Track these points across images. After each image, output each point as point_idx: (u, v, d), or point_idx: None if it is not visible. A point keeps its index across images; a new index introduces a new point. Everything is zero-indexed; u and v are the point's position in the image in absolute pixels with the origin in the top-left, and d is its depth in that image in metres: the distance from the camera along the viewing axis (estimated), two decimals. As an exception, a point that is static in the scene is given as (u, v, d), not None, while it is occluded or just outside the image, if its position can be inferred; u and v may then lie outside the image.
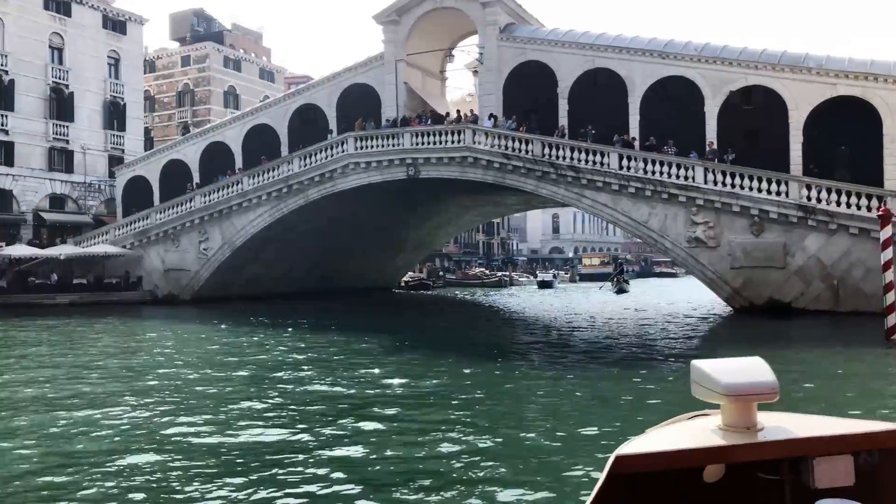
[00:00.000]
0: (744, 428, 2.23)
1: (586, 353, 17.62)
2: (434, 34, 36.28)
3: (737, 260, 26.06)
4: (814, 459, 2.24)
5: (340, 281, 46.41)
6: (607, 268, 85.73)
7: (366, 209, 38.79)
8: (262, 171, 35.44)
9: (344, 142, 33.18)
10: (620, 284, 47.95)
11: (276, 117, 39.25)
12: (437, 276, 63.35)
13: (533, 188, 29.72)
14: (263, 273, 40.19)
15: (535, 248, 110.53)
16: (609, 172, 27.84)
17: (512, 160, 29.62)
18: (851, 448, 2.24)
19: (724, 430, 2.25)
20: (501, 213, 52.87)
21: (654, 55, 30.24)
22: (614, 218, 28.32)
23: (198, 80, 56.05)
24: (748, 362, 2.32)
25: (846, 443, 2.22)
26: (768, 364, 2.31)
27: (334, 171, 33.60)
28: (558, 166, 28.72)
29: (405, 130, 31.88)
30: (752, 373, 2.25)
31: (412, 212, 42.18)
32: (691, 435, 2.28)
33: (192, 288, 37.79)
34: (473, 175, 31.00)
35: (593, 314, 30.45)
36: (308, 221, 37.33)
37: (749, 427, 2.22)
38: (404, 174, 32.27)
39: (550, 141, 29.26)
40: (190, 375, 14.37)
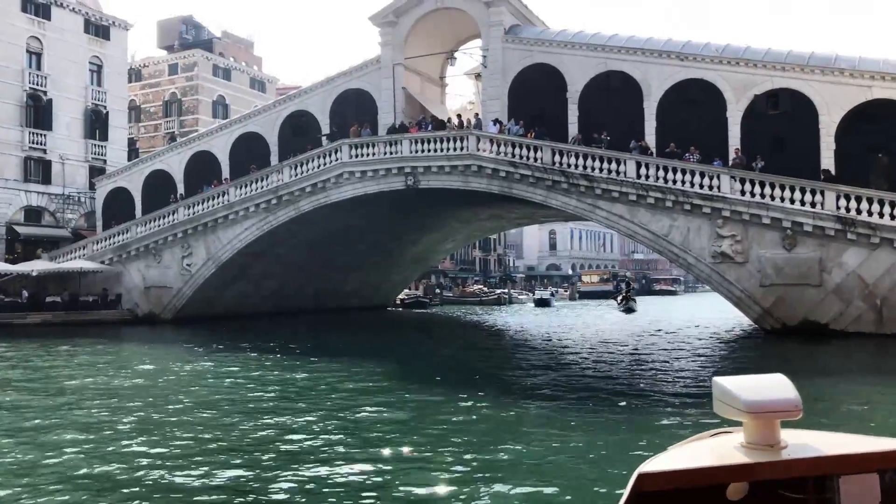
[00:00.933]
0: (767, 445, 2.19)
1: (619, 393, 15.27)
2: (434, 37, 34.20)
3: (767, 277, 23.84)
4: (839, 478, 2.22)
5: (333, 299, 44.01)
6: (607, 285, 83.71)
7: (360, 222, 36.51)
8: (249, 182, 33.13)
9: (338, 150, 30.93)
10: (629, 304, 45.57)
11: (265, 125, 37.00)
12: (433, 294, 61.02)
13: (542, 199, 27.50)
14: (251, 291, 37.79)
15: (532, 264, 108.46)
16: (626, 181, 25.65)
17: (519, 169, 27.42)
18: (877, 466, 2.21)
19: (748, 447, 2.22)
20: (502, 228, 50.69)
21: (671, 56, 28.19)
22: (631, 231, 26.10)
23: (185, 89, 53.83)
24: (770, 379, 2.29)
25: (872, 461, 2.19)
26: None
27: (327, 181, 31.32)
28: (570, 175, 26.52)
29: (404, 137, 29.68)
30: (775, 389, 2.22)
31: (409, 226, 39.91)
32: (714, 452, 2.26)
33: (175, 306, 35.32)
34: (477, 185, 28.77)
35: (609, 336, 28.14)
36: (299, 235, 35.01)
37: (772, 444, 2.19)
38: (402, 184, 30.02)
39: (561, 147, 27.09)
40: (154, 415, 11.96)
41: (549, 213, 40.40)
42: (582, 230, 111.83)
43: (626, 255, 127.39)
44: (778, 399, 2.22)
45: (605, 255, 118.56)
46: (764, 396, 2.22)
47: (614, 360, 19.98)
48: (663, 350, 22.50)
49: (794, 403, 2.21)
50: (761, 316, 24.13)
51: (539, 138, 27.79)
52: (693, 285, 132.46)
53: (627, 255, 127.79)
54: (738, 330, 29.77)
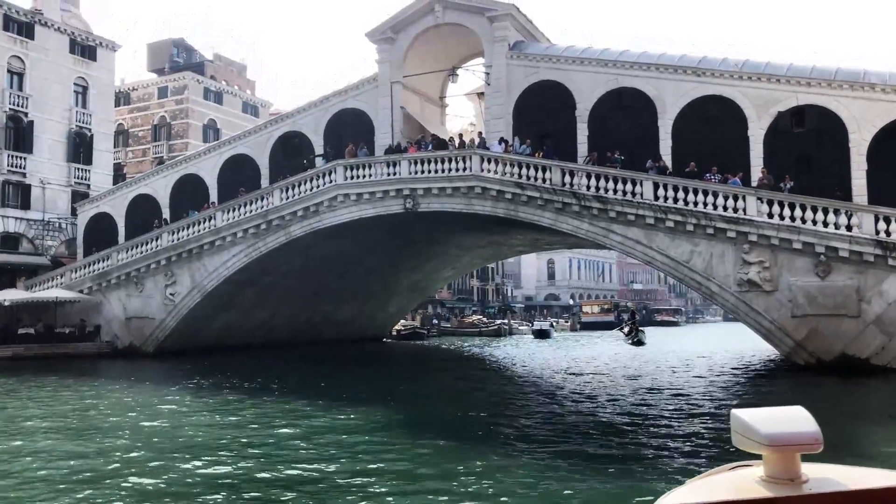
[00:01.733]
0: (787, 479, 2.11)
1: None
2: (434, 55, 32.55)
3: (799, 307, 21.86)
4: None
5: (326, 329, 41.85)
6: (609, 315, 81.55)
7: (356, 249, 34.53)
8: (237, 206, 31.17)
9: (332, 171, 29.04)
10: (638, 336, 43.21)
11: (256, 147, 35.16)
12: (431, 325, 58.83)
13: (551, 222, 25.57)
14: (239, 321, 35.62)
15: (531, 294, 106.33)
16: (642, 203, 23.77)
17: (527, 190, 25.54)
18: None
19: (768, 481, 2.14)
20: (504, 256, 48.78)
21: (687, 72, 26.52)
22: (648, 257, 24.15)
23: (175, 112, 52.10)
24: (790, 411, 2.27)
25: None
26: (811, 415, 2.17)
27: (320, 205, 29.38)
28: (582, 197, 24.64)
29: (403, 157, 27.83)
30: (795, 422, 2.20)
31: (407, 253, 37.93)
32: (733, 486, 2.18)
33: (157, 338, 33.11)
34: (481, 208, 26.85)
35: (624, 371, 26.02)
36: (290, 263, 32.98)
37: (793, 479, 2.11)
38: (401, 207, 28.10)
39: (572, 167, 25.24)
40: (121, 469, 9.81)
41: (553, 240, 38.53)
42: (581, 259, 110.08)
43: (626, 285, 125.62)
44: (799, 432, 2.15)
45: (605, 284, 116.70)
46: (784, 429, 2.16)
47: (638, 400, 17.88)
48: (686, 388, 20.41)
49: (815, 436, 2.15)
50: (793, 350, 22.09)
51: (547, 158, 25.96)
52: (693, 316, 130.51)
53: (626, 285, 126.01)
54: (764, 364, 27.71)
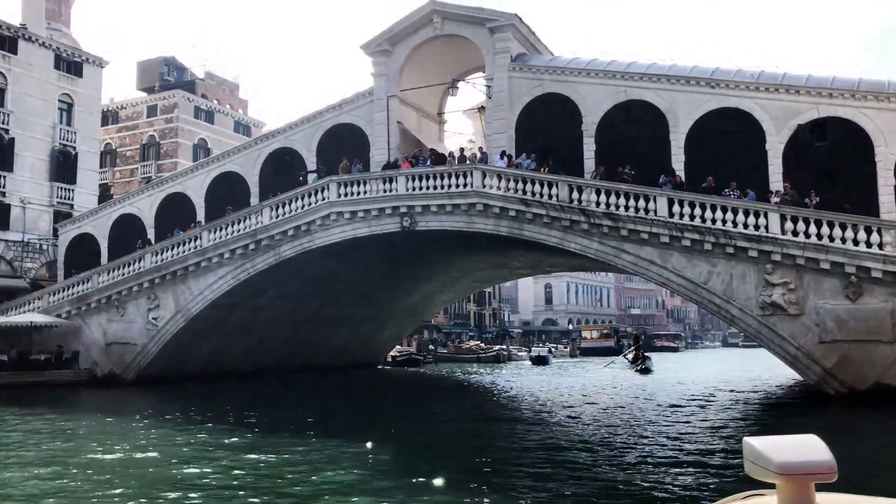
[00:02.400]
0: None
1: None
2: (432, 69, 31.18)
3: (828, 332, 20.25)
4: None
5: (319, 356, 40.00)
6: (609, 340, 79.68)
7: (349, 271, 32.87)
8: (224, 225, 29.52)
9: (325, 188, 27.47)
10: (645, 363, 41.31)
11: (245, 164, 33.62)
12: (427, 350, 56.98)
13: (558, 241, 23.99)
14: (226, 347, 33.79)
15: (528, 319, 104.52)
16: (656, 221, 22.22)
17: (532, 207, 23.98)
18: None
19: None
20: (504, 278, 47.16)
21: (700, 83, 25.15)
22: (663, 278, 22.55)
23: (164, 131, 50.62)
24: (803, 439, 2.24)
25: None
26: None
27: (312, 224, 27.77)
28: (591, 214, 23.09)
29: (399, 173, 26.30)
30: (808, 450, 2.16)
31: (403, 275, 36.27)
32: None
33: (139, 365, 31.25)
34: (483, 226, 25.27)
35: (638, 402, 24.29)
36: (280, 285, 31.27)
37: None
38: (397, 226, 26.51)
39: (580, 183, 23.73)
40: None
41: (556, 262, 36.97)
42: (579, 284, 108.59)
43: (623, 310, 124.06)
44: (813, 461, 2.10)
45: (603, 309, 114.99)
46: (798, 458, 2.12)
47: (658, 430, 16.15)
48: (712, 419, 18.69)
49: (829, 465, 2.09)
50: (822, 378, 20.42)
51: (553, 173, 24.45)
52: (692, 342, 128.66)
53: (624, 310, 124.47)
54: (789, 392, 26.02)
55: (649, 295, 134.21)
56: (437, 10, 29.16)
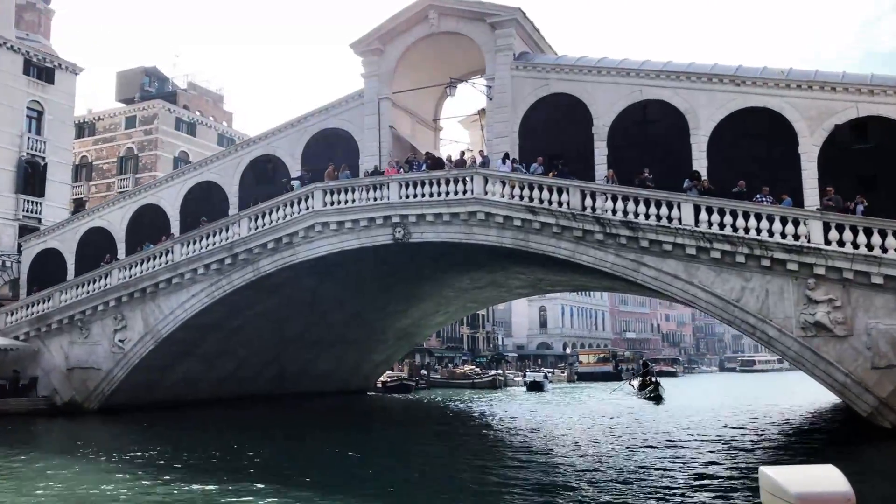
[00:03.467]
0: None
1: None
2: (428, 71, 28.81)
3: (881, 356, 17.73)
4: None
5: (303, 382, 37.20)
6: (607, 365, 76.94)
7: (336, 289, 30.22)
8: (198, 238, 26.86)
9: (309, 196, 24.89)
10: (657, 390, 38.00)
11: (224, 173, 31.01)
12: (419, 375, 54.11)
13: (569, 254, 21.43)
14: (201, 372, 30.98)
15: (522, 343, 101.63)
16: (681, 230, 19.73)
17: (539, 215, 21.46)
18: None
19: None
20: (502, 299, 44.54)
21: (723, 81, 22.82)
22: (689, 295, 19.99)
23: (143, 143, 48.00)
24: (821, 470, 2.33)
25: None
26: None
27: (295, 235, 25.16)
28: (607, 223, 20.58)
29: (392, 179, 23.76)
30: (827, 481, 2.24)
31: (395, 294, 33.62)
32: None
33: (103, 393, 28.37)
34: (484, 238, 22.71)
35: (664, 435, 21.61)
36: (260, 304, 28.57)
37: None
38: (389, 237, 23.92)
39: (594, 188, 21.23)
40: None
41: (558, 280, 34.44)
42: (573, 307, 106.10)
43: (619, 333, 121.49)
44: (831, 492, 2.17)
45: (598, 333, 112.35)
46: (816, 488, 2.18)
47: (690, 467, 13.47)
48: (754, 459, 16.05)
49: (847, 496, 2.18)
50: (877, 409, 17.83)
51: (562, 178, 21.97)
52: (689, 367, 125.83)
53: (619, 333, 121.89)
54: (830, 423, 23.42)
55: (644, 318, 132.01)
56: (433, 6, 26.85)
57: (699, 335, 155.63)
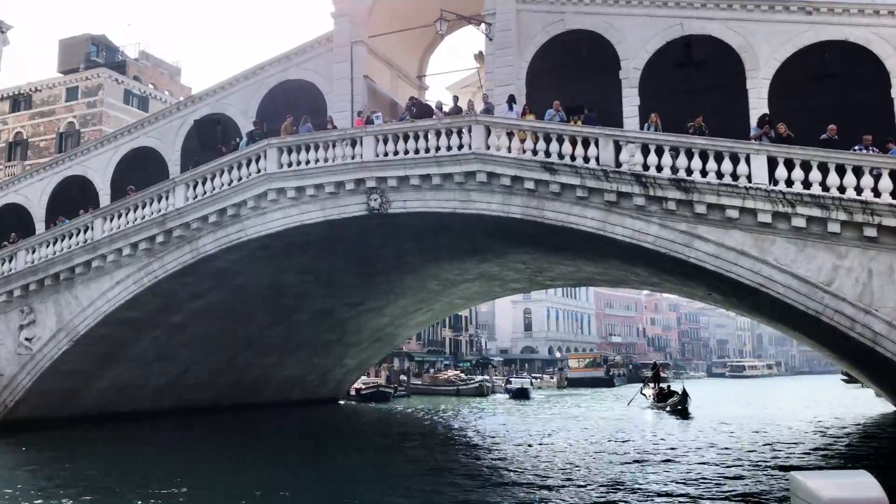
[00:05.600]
0: None
1: None
2: (411, 13, 23.68)
3: None
4: None
5: (263, 390, 31.87)
6: (598, 370, 72.32)
7: (298, 279, 24.98)
8: (123, 210, 21.49)
9: (260, 155, 19.64)
10: (685, 402, 30.82)
11: (164, 137, 25.67)
12: (399, 381, 48.86)
13: (597, 226, 16.37)
14: (137, 379, 25.53)
15: (506, 346, 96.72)
16: (752, 191, 14.77)
17: (559, 174, 16.40)
18: None
19: None
20: (493, 294, 39.49)
21: (790, 10, 17.99)
22: (761, 278, 15.00)
23: (86, 118, 42.36)
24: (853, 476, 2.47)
25: None
26: None
27: (242, 206, 19.90)
28: (650, 182, 15.57)
29: (367, 132, 18.56)
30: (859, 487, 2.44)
31: (369, 287, 28.41)
32: None
33: (5, 405, 22.80)
34: (486, 207, 17.59)
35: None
36: (204, 295, 23.25)
37: None
38: (363, 208, 18.73)
39: (633, 136, 16.22)
40: None
41: (562, 272, 29.43)
42: (559, 309, 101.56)
43: (604, 337, 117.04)
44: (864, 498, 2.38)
45: (583, 337, 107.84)
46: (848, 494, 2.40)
47: None
48: None
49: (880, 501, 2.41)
50: None
51: (589, 125, 16.92)
52: (678, 372, 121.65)
53: (605, 337, 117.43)
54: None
55: (630, 322, 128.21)
56: (419, -72, 21.81)
57: (684, 340, 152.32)
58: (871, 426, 25.24)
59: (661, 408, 31.90)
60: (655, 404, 33.67)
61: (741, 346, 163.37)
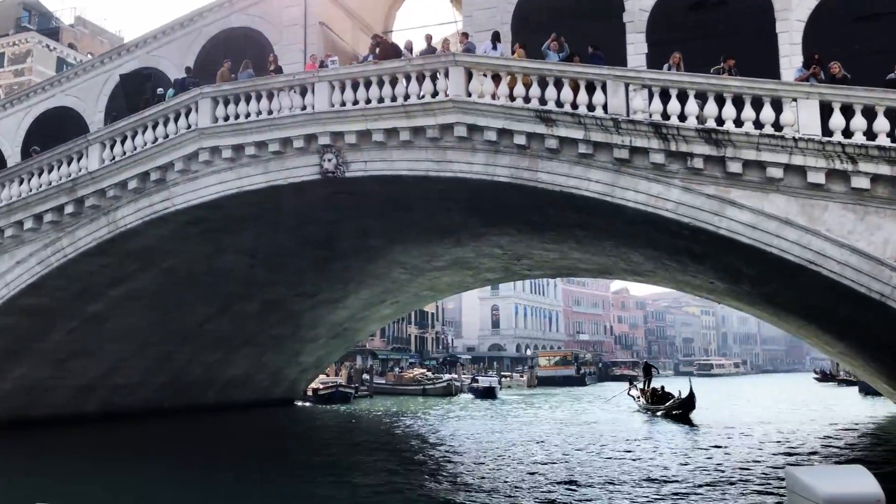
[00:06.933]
0: None
1: None
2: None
3: None
4: None
5: (208, 391, 28.28)
6: (569, 368, 69.62)
7: (242, 262, 21.48)
8: (26, 175, 17.80)
9: (191, 107, 16.14)
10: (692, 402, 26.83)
11: (86, 95, 21.96)
12: (361, 381, 45.43)
13: (603, 190, 13.23)
14: (51, 379, 21.77)
15: (472, 344, 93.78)
16: (805, 143, 11.78)
17: (558, 126, 13.24)
18: None
19: None
20: (465, 286, 36.14)
21: (828, -64, 15.11)
22: (810, 253, 12.03)
23: (12, 87, 38.11)
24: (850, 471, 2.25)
25: None
26: None
27: (169, 169, 16.40)
28: (672, 134, 12.50)
29: (320, 76, 15.18)
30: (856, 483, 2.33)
31: (326, 274, 25.00)
32: None
33: None
34: (465, 167, 14.34)
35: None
36: (128, 279, 19.65)
37: None
38: (315, 171, 15.35)
39: (651, 79, 13.10)
40: None
41: (545, 261, 26.32)
42: (528, 306, 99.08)
43: (572, 335, 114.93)
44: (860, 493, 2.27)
45: (551, 334, 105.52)
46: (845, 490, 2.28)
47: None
48: None
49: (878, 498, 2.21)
50: None
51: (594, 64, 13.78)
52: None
53: (573, 335, 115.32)
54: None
55: (598, 320, 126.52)
56: None
57: (651, 338, 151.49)
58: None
59: (656, 411, 28.57)
60: (648, 406, 30.24)
61: (707, 344, 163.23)
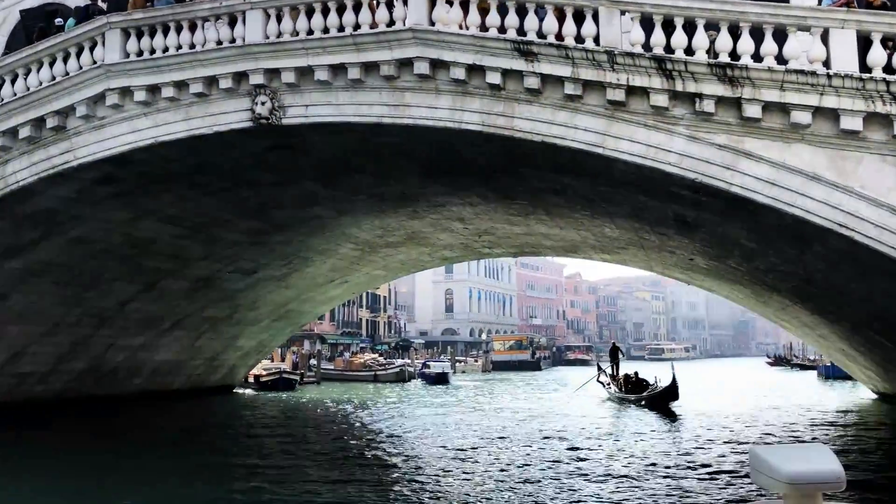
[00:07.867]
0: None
1: None
2: None
3: None
4: None
5: (133, 378, 25.40)
6: (524, 353, 68.16)
7: (164, 231, 18.73)
8: None
9: (97, 39, 13.36)
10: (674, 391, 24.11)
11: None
12: (308, 367, 42.81)
13: (595, 140, 11.01)
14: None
15: (426, 328, 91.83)
16: (840, 80, 9.74)
17: (539, 61, 10.95)
18: None
19: None
20: (420, 266, 33.54)
21: None
22: (839, 214, 10.01)
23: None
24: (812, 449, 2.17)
25: None
26: None
27: (70, 115, 13.64)
28: (678, 70, 10.34)
29: (253, 2, 12.55)
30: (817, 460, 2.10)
31: (266, 247, 22.36)
32: None
33: None
34: (427, 113, 11.95)
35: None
36: (27, 250, 16.78)
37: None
38: (247, 117, 12.76)
39: (647, 3, 10.86)
40: None
41: (507, 236, 24.19)
42: (482, 290, 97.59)
43: (525, 320, 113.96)
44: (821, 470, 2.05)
45: (505, 319, 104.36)
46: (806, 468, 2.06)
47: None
48: None
49: (838, 475, 2.07)
50: None
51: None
52: (598, 355, 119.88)
53: (526, 320, 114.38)
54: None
55: (550, 304, 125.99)
56: None
57: (602, 323, 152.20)
58: None
59: (631, 400, 26.05)
60: (622, 395, 27.54)
61: (656, 329, 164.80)
